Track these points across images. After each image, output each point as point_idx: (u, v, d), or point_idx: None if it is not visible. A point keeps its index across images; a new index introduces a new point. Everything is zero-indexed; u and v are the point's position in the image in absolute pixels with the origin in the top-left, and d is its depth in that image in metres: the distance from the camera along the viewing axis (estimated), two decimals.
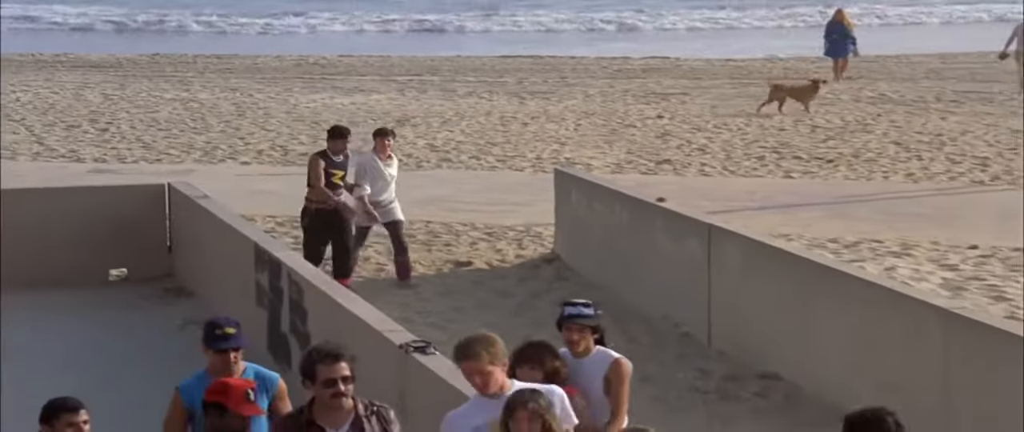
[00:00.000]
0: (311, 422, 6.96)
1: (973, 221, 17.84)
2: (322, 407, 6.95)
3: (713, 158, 23.14)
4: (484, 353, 7.03)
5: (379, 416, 7.04)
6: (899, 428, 6.14)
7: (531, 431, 6.55)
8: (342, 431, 6.93)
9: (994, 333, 10.32)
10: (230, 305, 12.48)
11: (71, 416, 6.64)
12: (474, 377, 7.06)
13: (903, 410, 8.77)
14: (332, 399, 6.91)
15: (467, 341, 7.16)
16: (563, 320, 8.17)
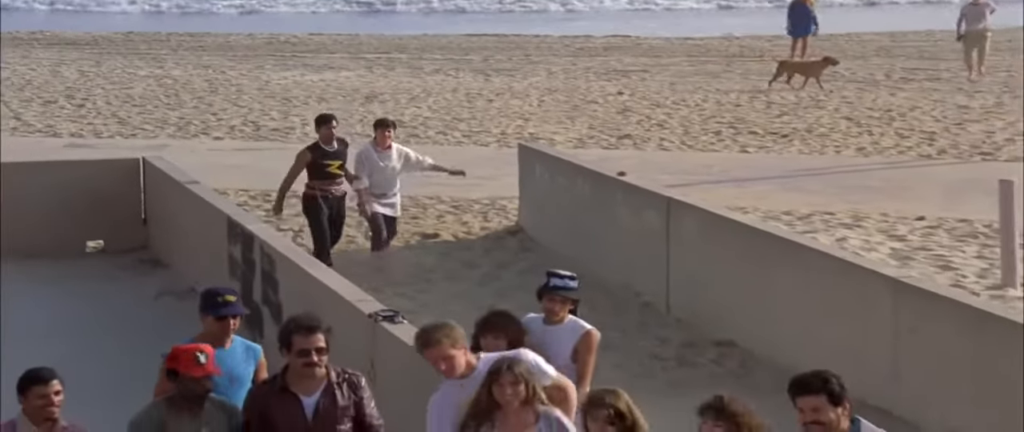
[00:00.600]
0: (285, 388, 6.98)
1: (921, 193, 17.93)
2: (296, 375, 6.98)
3: (672, 133, 23.17)
4: (445, 339, 7.04)
5: (350, 383, 7.06)
6: (842, 390, 6.16)
7: (515, 394, 6.60)
8: (314, 397, 6.96)
9: (940, 301, 10.39)
10: (203, 276, 12.45)
11: (42, 388, 6.63)
12: (439, 363, 7.06)
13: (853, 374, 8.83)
14: (305, 368, 6.94)
15: (426, 330, 7.17)
16: (547, 290, 8.17)
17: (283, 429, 6.90)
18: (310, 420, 6.92)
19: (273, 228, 14.35)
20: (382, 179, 14.27)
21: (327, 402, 6.95)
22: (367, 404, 7.07)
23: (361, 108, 26.14)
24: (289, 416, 6.91)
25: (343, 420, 6.98)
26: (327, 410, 6.94)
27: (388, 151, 14.36)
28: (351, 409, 7.00)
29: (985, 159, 20.64)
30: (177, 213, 14.75)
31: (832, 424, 6.11)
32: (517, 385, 6.62)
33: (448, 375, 7.06)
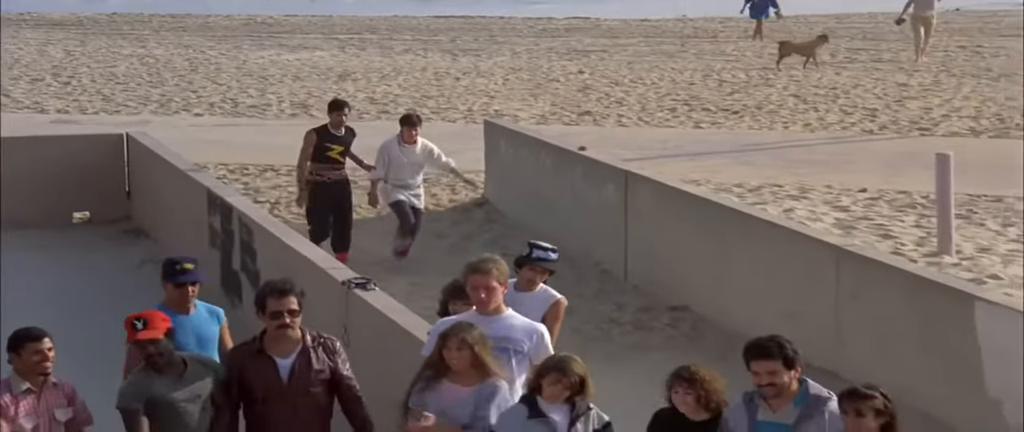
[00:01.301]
0: (261, 351, 6.92)
1: (863, 167, 18.01)
2: (271, 337, 6.92)
3: (629, 110, 23.19)
4: (494, 270, 7.06)
5: (325, 347, 7.00)
6: (795, 354, 6.20)
7: (460, 359, 6.56)
8: (290, 360, 6.89)
9: (881, 267, 10.45)
10: (185, 246, 12.41)
11: (36, 344, 6.58)
12: (479, 291, 7.04)
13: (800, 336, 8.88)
14: (278, 330, 6.88)
15: (481, 258, 7.16)
16: (529, 260, 8.10)
17: (259, 390, 6.85)
18: (285, 381, 6.85)
19: (251, 200, 14.33)
20: (404, 172, 13.52)
21: (302, 364, 6.88)
22: (342, 367, 7.00)
23: (335, 86, 26.06)
24: (265, 377, 6.85)
25: (317, 382, 6.90)
26: (302, 372, 6.87)
27: (412, 146, 13.54)
28: (326, 372, 6.93)
29: (923, 134, 20.75)
30: (159, 186, 14.69)
31: (784, 386, 6.15)
32: (462, 350, 6.54)
33: (482, 307, 7.02)
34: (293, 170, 18.10)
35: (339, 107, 13.53)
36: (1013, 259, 13.37)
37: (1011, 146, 19.79)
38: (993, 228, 14.69)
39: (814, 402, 6.13)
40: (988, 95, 24.12)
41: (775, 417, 6.13)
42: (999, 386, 9.13)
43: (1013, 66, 27.82)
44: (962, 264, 13.10)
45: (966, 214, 14.98)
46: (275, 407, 6.84)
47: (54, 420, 6.60)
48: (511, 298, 8.15)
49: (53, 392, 6.63)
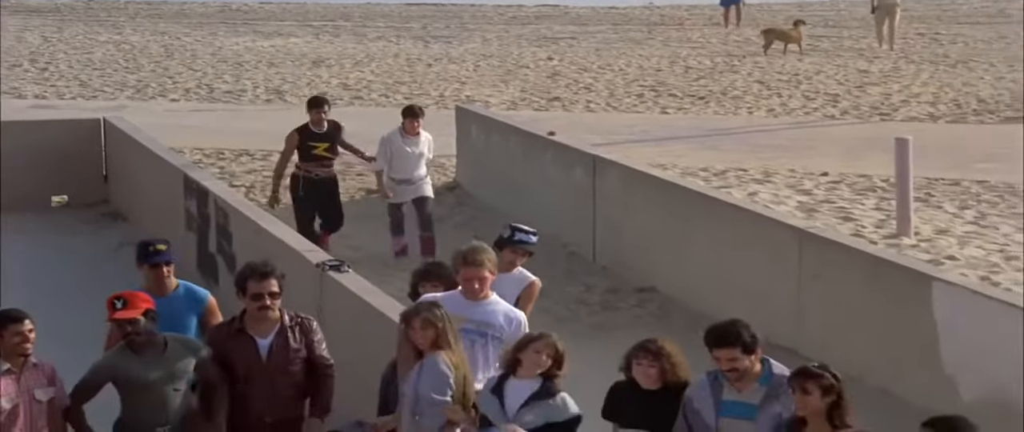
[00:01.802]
0: (241, 330, 6.97)
1: (825, 151, 18.07)
2: (251, 318, 6.97)
3: (597, 96, 23.21)
4: (487, 262, 7.12)
5: (302, 327, 7.05)
6: (753, 339, 6.22)
7: (424, 337, 6.55)
8: (268, 339, 6.95)
9: (842, 249, 10.51)
10: (161, 229, 12.35)
11: (17, 326, 6.57)
12: (473, 282, 7.08)
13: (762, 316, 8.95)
14: (258, 311, 6.94)
15: (473, 249, 7.19)
16: (510, 243, 8.10)
17: (239, 368, 6.90)
18: (264, 359, 6.91)
19: (226, 184, 14.30)
20: (406, 164, 13.02)
21: (280, 343, 6.94)
22: (318, 346, 7.06)
23: (309, 72, 26.00)
24: (245, 356, 6.90)
25: (295, 361, 6.97)
26: (280, 351, 6.93)
27: (416, 137, 13.09)
28: (303, 350, 6.99)
29: (883, 119, 20.84)
30: (136, 170, 14.64)
31: (746, 370, 6.18)
32: (426, 329, 6.54)
33: (474, 295, 7.06)
34: (268, 155, 18.14)
35: (318, 104, 13.10)
36: (969, 241, 13.47)
37: (968, 131, 19.91)
38: (950, 211, 14.78)
39: (778, 382, 6.17)
40: (946, 81, 24.24)
41: (740, 397, 6.17)
42: (954, 363, 9.21)
43: (970, 53, 27.96)
44: (920, 245, 13.18)
45: (924, 197, 15.06)
46: (255, 384, 6.90)
47: (34, 400, 6.59)
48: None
49: (33, 373, 6.62)
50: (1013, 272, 12.31)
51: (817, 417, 5.93)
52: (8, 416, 6.47)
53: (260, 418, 6.91)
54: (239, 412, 6.93)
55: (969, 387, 9.00)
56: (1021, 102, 21.57)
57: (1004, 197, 15.46)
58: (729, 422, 6.15)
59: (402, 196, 13.04)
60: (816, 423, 5.92)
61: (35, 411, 6.57)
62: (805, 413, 5.94)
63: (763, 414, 6.10)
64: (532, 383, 6.45)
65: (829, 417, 5.92)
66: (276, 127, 20.22)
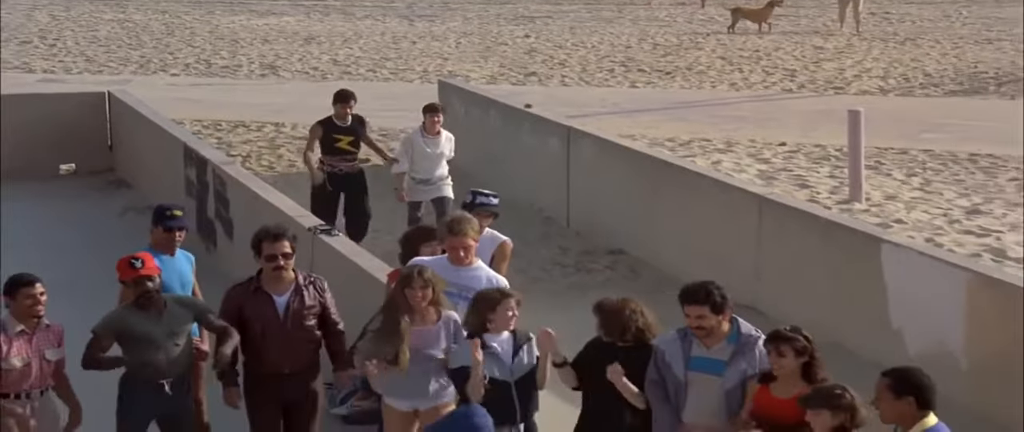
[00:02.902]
0: (259, 289, 6.99)
1: (783, 122, 18.11)
2: (267, 277, 6.99)
3: (571, 71, 23.18)
4: (470, 231, 7.12)
5: (316, 286, 7.08)
6: (723, 300, 6.22)
7: (424, 297, 6.62)
8: (285, 297, 6.96)
9: (798, 214, 10.54)
10: (163, 196, 12.32)
11: (29, 289, 6.55)
12: (458, 250, 7.09)
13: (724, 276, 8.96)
14: (273, 271, 6.95)
15: (457, 219, 7.20)
16: (474, 207, 8.11)
17: (258, 324, 6.91)
18: (282, 316, 6.92)
19: (224, 153, 14.26)
20: (427, 164, 11.79)
21: (297, 301, 6.95)
22: (331, 306, 7.09)
23: (300, 48, 25.88)
24: (263, 313, 6.91)
25: (310, 316, 6.98)
26: (297, 308, 6.95)
27: (437, 137, 11.91)
28: (317, 307, 7.01)
29: (837, 93, 20.87)
30: (139, 140, 14.59)
31: (714, 328, 6.18)
32: (426, 288, 6.61)
33: (459, 262, 7.06)
34: (263, 126, 18.08)
35: (344, 99, 11.90)
36: (916, 205, 13.53)
37: (915, 103, 19.96)
38: (899, 178, 14.84)
39: (746, 341, 6.18)
40: (895, 57, 24.28)
41: (710, 353, 6.18)
42: (901, 319, 9.26)
43: (917, 31, 28.00)
44: (871, 210, 13.23)
45: (875, 165, 15.12)
46: (273, 338, 6.90)
47: (45, 360, 6.59)
48: None
49: (45, 334, 6.61)
50: (956, 234, 12.38)
51: (790, 375, 5.95)
52: (20, 373, 6.47)
53: (278, 369, 6.92)
54: (258, 364, 6.95)
55: (914, 340, 9.05)
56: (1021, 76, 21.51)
57: (948, 165, 15.52)
58: (697, 376, 6.15)
59: (420, 196, 11.81)
60: (789, 379, 5.95)
61: (45, 370, 6.58)
62: (781, 374, 5.97)
63: (730, 370, 6.11)
64: (506, 337, 6.49)
65: (804, 374, 5.95)
66: (270, 100, 20.23)
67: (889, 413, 5.37)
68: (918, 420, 5.34)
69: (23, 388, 6.48)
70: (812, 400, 5.52)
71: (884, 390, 5.37)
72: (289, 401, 6.98)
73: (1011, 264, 11.31)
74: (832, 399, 5.48)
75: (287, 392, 6.95)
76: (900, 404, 5.34)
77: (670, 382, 6.20)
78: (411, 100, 19.53)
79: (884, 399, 5.37)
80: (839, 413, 5.46)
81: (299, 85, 21.93)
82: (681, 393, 6.18)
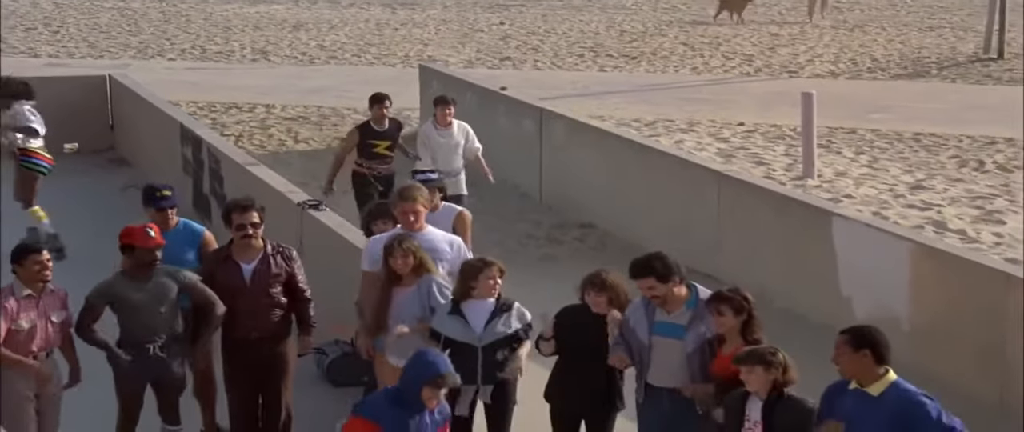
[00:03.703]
0: (228, 257, 7.00)
1: (741, 104, 18.14)
2: (237, 246, 6.99)
3: (544, 56, 23.14)
4: (419, 197, 7.13)
5: (283, 255, 7.06)
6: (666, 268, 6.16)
7: (405, 265, 6.68)
8: (252, 264, 6.96)
9: (755, 190, 10.58)
10: (161, 173, 12.29)
11: (37, 256, 6.55)
12: (408, 215, 7.08)
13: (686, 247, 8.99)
14: (242, 240, 6.95)
15: (407, 187, 7.24)
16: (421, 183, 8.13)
17: (226, 289, 6.90)
18: (248, 282, 6.93)
19: (218, 133, 14.20)
20: (443, 156, 11.07)
21: (263, 268, 6.95)
22: (298, 274, 7.06)
23: (289, 35, 25.76)
24: (231, 279, 6.92)
25: (275, 284, 6.97)
26: (262, 275, 6.94)
27: (449, 128, 11.19)
28: (283, 275, 6.99)
29: (791, 76, 20.91)
30: (138, 121, 14.50)
31: (666, 294, 6.17)
32: (407, 257, 6.67)
33: (411, 227, 7.06)
34: (254, 107, 18.00)
35: (379, 100, 11.22)
36: (864, 181, 13.58)
37: (863, 86, 20.02)
38: (848, 156, 14.89)
39: (703, 307, 6.18)
40: (845, 43, 24.33)
41: (670, 318, 6.18)
42: (850, 286, 9.31)
43: (865, 19, 28.04)
44: (822, 186, 13.28)
45: (826, 144, 15.16)
46: (240, 303, 6.91)
47: (50, 322, 6.60)
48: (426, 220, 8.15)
49: (50, 297, 6.62)
50: (900, 208, 12.44)
51: (733, 333, 5.98)
52: (27, 334, 6.49)
53: (247, 334, 6.91)
54: (229, 328, 6.96)
55: (861, 306, 9.10)
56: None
57: (893, 144, 15.59)
58: (660, 340, 6.17)
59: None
60: (733, 338, 5.98)
61: (50, 331, 6.59)
62: (722, 331, 6.00)
63: (690, 333, 6.12)
64: (488, 303, 6.48)
65: (742, 333, 5.98)
66: (261, 83, 20.13)
67: (848, 367, 5.38)
68: (875, 374, 5.34)
69: (31, 349, 6.49)
70: (746, 358, 5.55)
71: (842, 345, 5.39)
72: (259, 364, 6.96)
73: (951, 235, 11.38)
74: (765, 357, 5.50)
75: (257, 355, 6.94)
76: (857, 357, 5.33)
77: (635, 346, 6.22)
78: (394, 83, 19.47)
79: (843, 354, 5.37)
80: (772, 370, 5.48)
81: (288, 69, 21.85)
82: (646, 356, 6.20)
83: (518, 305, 6.55)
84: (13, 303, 6.45)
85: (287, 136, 15.85)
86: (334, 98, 18.56)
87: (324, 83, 19.87)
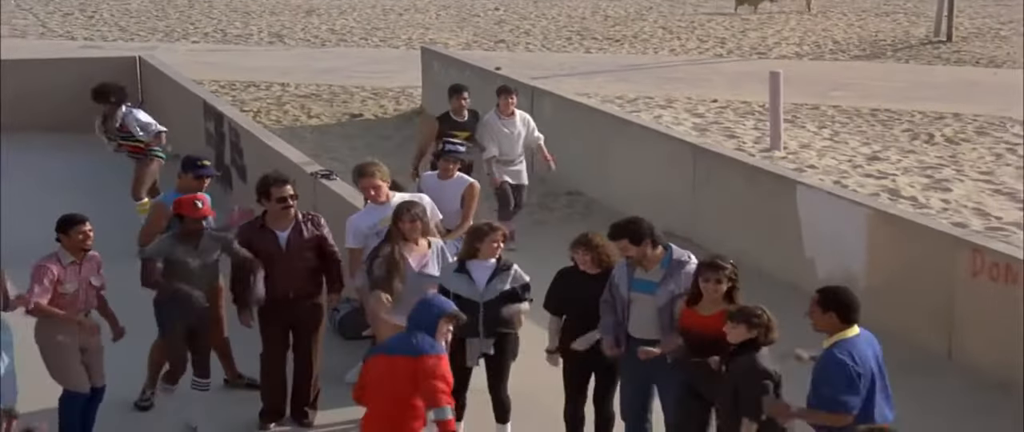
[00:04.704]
0: (264, 226, 7.05)
1: (714, 83, 18.10)
2: (273, 216, 7.03)
3: (535, 39, 23.05)
4: (377, 173, 7.18)
5: (313, 222, 7.11)
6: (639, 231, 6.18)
7: (413, 229, 6.75)
8: (287, 232, 7.01)
9: (727, 160, 10.57)
10: (187, 145, 12.23)
11: (81, 226, 6.59)
12: (370, 190, 7.15)
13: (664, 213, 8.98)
14: (282, 211, 7.01)
15: (363, 164, 7.29)
16: (445, 154, 8.14)
17: (263, 256, 6.95)
18: (284, 248, 6.97)
19: (238, 109, 14.14)
20: (507, 146, 10.36)
21: (296, 235, 7.00)
22: (327, 239, 7.11)
23: (303, 19, 25.64)
24: (268, 246, 6.96)
25: (308, 248, 7.02)
26: (295, 241, 7.00)
27: (511, 118, 10.43)
28: (314, 241, 7.05)
29: (761, 57, 20.86)
30: (165, 98, 14.44)
31: (642, 255, 6.18)
32: (415, 222, 6.73)
33: (374, 200, 7.12)
34: (271, 86, 17.92)
35: (458, 91, 10.43)
36: (826, 153, 13.57)
37: (826, 66, 19.97)
38: (811, 129, 14.87)
39: (676, 265, 6.21)
40: (809, 28, 24.27)
41: (647, 276, 6.21)
42: (813, 248, 9.32)
43: (828, 5, 27.94)
44: (788, 157, 13.27)
45: (791, 119, 15.14)
46: (277, 268, 6.96)
47: (90, 285, 6.67)
48: (437, 187, 8.18)
49: (89, 263, 6.68)
50: (859, 177, 12.44)
51: (717, 297, 5.97)
52: (72, 297, 6.56)
53: (284, 294, 6.95)
54: (267, 290, 6.99)
55: (823, 266, 9.11)
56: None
57: (852, 119, 15.57)
58: (637, 295, 6.20)
59: (504, 177, 10.35)
60: (713, 301, 5.96)
61: (90, 293, 6.66)
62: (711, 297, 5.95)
63: (662, 289, 6.15)
64: (490, 263, 6.53)
65: (728, 297, 5.97)
66: (277, 63, 20.05)
67: (819, 323, 5.48)
68: (840, 330, 5.42)
69: (76, 309, 6.56)
70: (735, 316, 5.60)
71: (814, 305, 5.48)
72: (294, 320, 7.04)
73: (904, 202, 11.39)
74: (752, 316, 5.55)
75: (292, 313, 7.00)
76: (826, 317, 5.43)
77: (618, 301, 6.24)
78: (398, 63, 19.42)
79: (814, 312, 5.47)
80: (753, 328, 5.53)
81: (302, 51, 21.76)
82: (626, 310, 6.23)
83: (516, 266, 6.59)
84: (59, 269, 6.51)
85: (301, 112, 15.80)
86: (343, 77, 18.50)
87: (334, 64, 19.79)
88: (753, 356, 5.53)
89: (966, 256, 7.94)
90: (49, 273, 6.41)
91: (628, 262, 6.26)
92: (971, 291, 7.93)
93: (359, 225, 7.13)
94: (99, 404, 6.70)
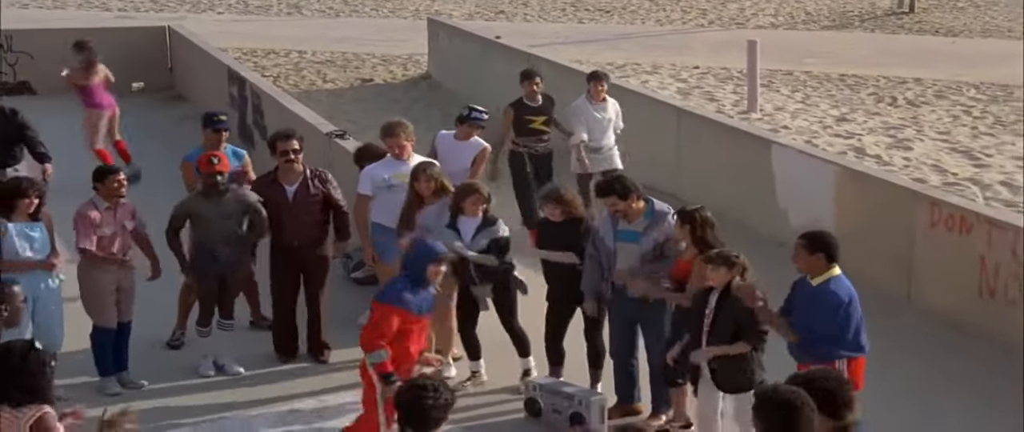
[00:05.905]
0: (274, 180, 7.07)
1: (697, 50, 17.99)
2: (281, 170, 7.04)
3: (532, 10, 22.89)
4: (402, 133, 7.20)
5: (320, 178, 7.13)
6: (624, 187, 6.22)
7: (428, 188, 6.80)
8: (295, 186, 7.03)
9: (709, 123, 10.53)
10: (212, 106, 12.14)
11: (115, 176, 6.73)
12: (395, 148, 7.17)
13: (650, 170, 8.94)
14: (286, 163, 7.02)
15: (391, 123, 7.31)
16: (469, 120, 8.09)
17: (272, 207, 6.97)
18: (291, 200, 7.00)
19: (259, 75, 14.05)
20: (598, 131, 9.38)
21: (302, 189, 7.03)
22: (334, 192, 7.12)
23: None
24: (276, 197, 6.99)
25: (315, 202, 7.03)
26: (303, 194, 7.02)
27: (603, 103, 9.49)
28: (320, 195, 7.06)
29: (739, 27, 20.72)
30: (193, 64, 14.37)
31: (627, 209, 6.22)
32: (430, 182, 6.77)
33: (398, 157, 7.15)
34: (289, 53, 17.81)
35: (530, 76, 9.49)
36: (798, 115, 13.52)
37: (799, 36, 19.83)
38: (785, 93, 14.80)
39: (657, 216, 6.26)
40: (783, 0, 24.09)
41: (630, 227, 6.25)
42: (786, 201, 9.31)
43: None
44: (764, 119, 13.22)
45: (767, 84, 15.07)
46: (285, 218, 6.99)
47: (124, 229, 6.77)
48: (452, 146, 8.15)
49: (123, 209, 6.79)
50: (828, 137, 12.40)
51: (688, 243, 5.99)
52: (109, 239, 6.69)
53: (290, 242, 7.00)
54: (276, 238, 7.06)
55: (796, 217, 9.10)
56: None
57: (823, 83, 15.49)
58: (622, 245, 6.24)
59: (592, 166, 9.25)
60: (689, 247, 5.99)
61: (125, 236, 6.78)
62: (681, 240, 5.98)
63: (645, 238, 6.19)
64: (476, 218, 6.60)
65: (699, 243, 5.98)
66: (295, 33, 19.92)
67: (804, 265, 5.47)
68: (824, 269, 5.42)
69: (112, 251, 6.69)
70: (714, 259, 5.62)
71: (800, 248, 5.47)
72: (302, 266, 7.08)
73: (869, 159, 11.35)
74: (730, 259, 5.57)
75: (300, 259, 7.05)
76: (812, 259, 5.42)
77: (603, 252, 6.29)
78: (406, 32, 19.28)
79: (800, 255, 5.46)
80: (733, 270, 5.56)
81: (318, 21, 21.61)
82: (611, 259, 6.27)
83: (500, 221, 6.65)
84: (97, 214, 6.65)
85: (317, 77, 15.71)
86: (356, 45, 18.39)
87: (348, 33, 19.65)
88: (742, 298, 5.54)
89: (925, 208, 7.94)
90: (89, 219, 6.58)
91: (612, 215, 6.26)
92: (929, 240, 7.93)
93: (375, 174, 7.15)
94: (128, 338, 6.81)
